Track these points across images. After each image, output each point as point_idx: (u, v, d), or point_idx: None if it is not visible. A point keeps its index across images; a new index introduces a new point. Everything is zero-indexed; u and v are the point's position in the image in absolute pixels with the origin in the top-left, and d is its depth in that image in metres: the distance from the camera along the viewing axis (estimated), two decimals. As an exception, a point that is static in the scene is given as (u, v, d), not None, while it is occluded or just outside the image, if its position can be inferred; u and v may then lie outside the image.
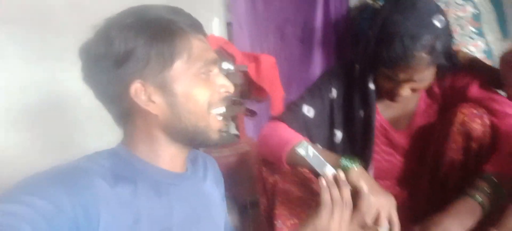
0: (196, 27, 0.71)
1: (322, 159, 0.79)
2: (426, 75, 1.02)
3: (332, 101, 1.17)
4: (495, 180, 0.92)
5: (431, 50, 0.96)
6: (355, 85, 1.14)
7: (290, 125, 1.08)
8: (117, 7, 1.58)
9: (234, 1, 1.93)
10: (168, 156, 0.72)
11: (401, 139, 1.19)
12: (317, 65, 2.29)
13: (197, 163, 0.83)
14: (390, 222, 0.86)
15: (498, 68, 1.10)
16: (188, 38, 0.68)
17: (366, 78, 1.12)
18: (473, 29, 1.85)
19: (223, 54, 1.60)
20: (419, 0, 1.01)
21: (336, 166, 0.86)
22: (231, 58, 1.60)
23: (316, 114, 1.15)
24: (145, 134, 0.70)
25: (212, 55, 0.72)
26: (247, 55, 1.68)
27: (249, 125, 1.83)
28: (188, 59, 0.68)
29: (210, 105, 0.70)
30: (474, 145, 1.01)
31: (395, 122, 1.19)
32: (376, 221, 0.84)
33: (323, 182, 0.73)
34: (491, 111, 1.03)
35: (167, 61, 0.67)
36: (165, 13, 0.68)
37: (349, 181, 0.83)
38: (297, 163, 0.95)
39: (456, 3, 1.86)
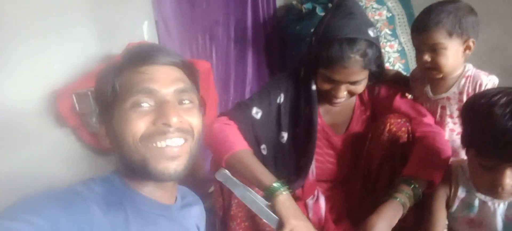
0: (138, 60, 0.69)
1: (242, 186, 0.92)
2: (359, 79, 1.12)
3: (279, 106, 1.24)
4: (412, 182, 1.04)
5: (364, 55, 1.08)
6: (300, 89, 1.22)
7: (238, 124, 1.14)
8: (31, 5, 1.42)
9: (159, 2, 1.87)
10: (151, 187, 0.72)
11: (339, 143, 1.30)
12: (249, 64, 2.35)
13: (185, 199, 0.84)
14: None
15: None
16: (121, 77, 0.69)
17: (310, 80, 1.20)
18: (388, 31, 2.03)
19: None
20: (357, 11, 1.12)
21: (265, 188, 0.98)
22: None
23: (263, 117, 1.21)
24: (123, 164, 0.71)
25: (147, 85, 0.67)
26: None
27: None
28: (120, 96, 0.68)
29: (143, 137, 0.66)
30: (399, 150, 1.14)
31: (335, 127, 1.29)
32: None
33: None
34: (410, 119, 1.17)
35: (107, 101, 0.70)
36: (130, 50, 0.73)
37: (274, 206, 0.96)
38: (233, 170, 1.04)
39: (373, 7, 2.02)
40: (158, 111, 0.66)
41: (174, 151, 0.67)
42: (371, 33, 1.10)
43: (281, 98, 1.23)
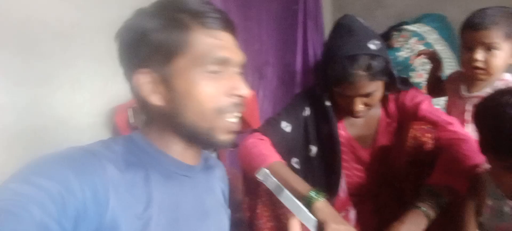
0: (211, 22, 0.66)
1: (280, 186, 0.83)
2: (370, 91, 1.13)
3: (306, 118, 1.28)
4: (436, 191, 1.01)
5: (368, 68, 1.09)
6: (317, 106, 1.26)
7: (271, 138, 1.18)
8: (100, 35, 1.64)
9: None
10: (180, 148, 0.71)
11: (366, 156, 1.28)
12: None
13: (208, 161, 0.83)
14: None
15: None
16: (192, 33, 0.65)
17: (323, 97, 1.24)
18: (437, 73, 1.99)
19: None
20: (356, 27, 1.14)
21: (302, 197, 0.97)
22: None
23: (293, 130, 1.25)
24: (156, 123, 0.70)
25: (224, 53, 0.65)
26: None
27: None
28: (190, 56, 0.64)
29: (219, 110, 0.65)
30: (424, 157, 1.11)
31: (361, 140, 1.29)
32: None
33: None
34: (435, 124, 1.14)
35: (168, 54, 0.65)
36: (186, 4, 0.67)
37: (313, 213, 0.89)
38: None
39: (419, 49, 2.02)
40: (231, 82, 0.67)
41: (236, 126, 0.69)
42: (371, 46, 1.10)
43: (306, 112, 1.27)
